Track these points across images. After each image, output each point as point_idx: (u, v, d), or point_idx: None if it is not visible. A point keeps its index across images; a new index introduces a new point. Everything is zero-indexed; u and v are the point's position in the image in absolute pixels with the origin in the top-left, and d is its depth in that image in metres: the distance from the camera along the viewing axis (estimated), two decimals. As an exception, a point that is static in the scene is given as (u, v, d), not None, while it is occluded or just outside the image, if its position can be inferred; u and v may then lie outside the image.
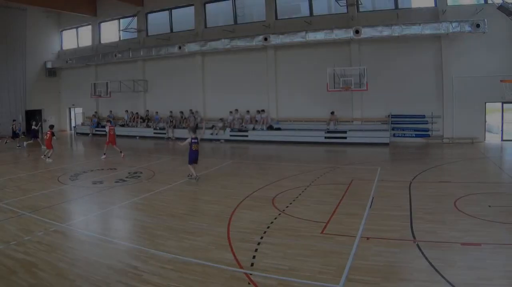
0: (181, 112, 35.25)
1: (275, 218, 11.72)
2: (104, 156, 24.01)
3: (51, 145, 23.47)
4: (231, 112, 33.10)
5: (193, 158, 16.93)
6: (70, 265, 8.75)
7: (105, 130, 38.05)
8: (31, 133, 29.86)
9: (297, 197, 14.19)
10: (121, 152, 24.20)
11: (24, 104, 41.01)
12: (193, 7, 35.47)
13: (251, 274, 8.12)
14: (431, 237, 9.80)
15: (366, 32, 27.26)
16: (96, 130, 38.90)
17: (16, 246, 9.84)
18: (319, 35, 28.78)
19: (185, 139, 17.29)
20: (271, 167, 21.63)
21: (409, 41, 27.50)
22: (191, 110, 35.01)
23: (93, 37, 42.42)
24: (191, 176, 17.03)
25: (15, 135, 31.15)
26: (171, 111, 35.74)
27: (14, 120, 33.05)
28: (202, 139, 32.02)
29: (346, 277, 7.82)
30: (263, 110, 32.13)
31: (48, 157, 23.31)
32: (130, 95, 38.54)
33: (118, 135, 36.55)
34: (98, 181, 17.78)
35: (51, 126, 25.07)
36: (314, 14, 31.13)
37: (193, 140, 16.77)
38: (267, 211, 12.49)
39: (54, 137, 24.06)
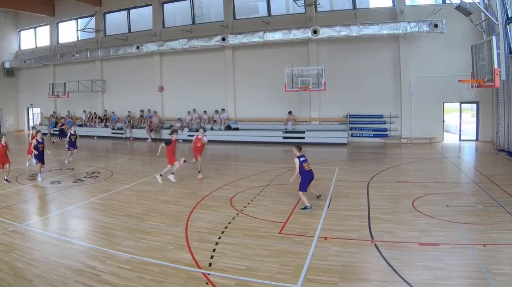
0: (142, 110, 35.03)
1: (233, 218, 11.78)
2: (182, 161, 18.60)
3: (174, 158, 17.46)
4: (189, 112, 32.97)
5: (309, 180, 12.81)
6: (28, 265, 8.66)
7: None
8: None
9: (255, 197, 14.27)
10: (185, 161, 18.63)
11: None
12: (151, 7, 35.18)
13: (209, 274, 8.15)
14: (389, 237, 9.98)
15: (324, 32, 27.42)
16: (54, 130, 38.02)
17: (-26, 246, 9.64)
18: (277, 35, 28.84)
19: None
20: (229, 167, 21.59)
21: (367, 41, 27.87)
22: (149, 110, 34.79)
23: (51, 37, 41.54)
24: (306, 207, 12.47)
25: (62, 134, 29.96)
26: (129, 111, 35.37)
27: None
28: (161, 139, 32.29)
29: (304, 277, 7.92)
30: (223, 109, 32.16)
31: (172, 173, 17.51)
32: (88, 95, 37.98)
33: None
34: (56, 181, 17.52)
35: (174, 131, 18.05)
36: (272, 14, 31.23)
37: (302, 159, 12.68)
38: (225, 211, 12.53)
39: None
